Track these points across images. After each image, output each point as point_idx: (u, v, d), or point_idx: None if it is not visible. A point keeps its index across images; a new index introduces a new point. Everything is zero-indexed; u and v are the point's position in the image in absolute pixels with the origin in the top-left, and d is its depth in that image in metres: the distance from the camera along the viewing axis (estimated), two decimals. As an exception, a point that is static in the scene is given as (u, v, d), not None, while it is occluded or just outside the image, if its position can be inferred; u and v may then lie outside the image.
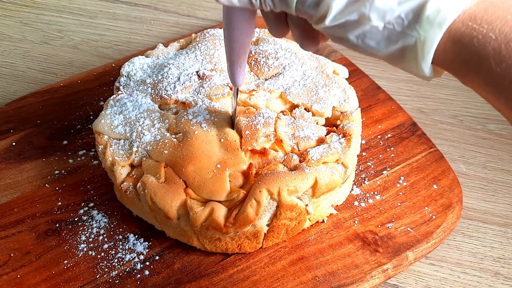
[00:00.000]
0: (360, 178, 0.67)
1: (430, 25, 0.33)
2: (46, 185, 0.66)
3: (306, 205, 0.57)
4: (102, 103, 0.76)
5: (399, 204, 0.64)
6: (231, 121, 0.60)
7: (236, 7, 0.40)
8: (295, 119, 0.62)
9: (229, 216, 0.54)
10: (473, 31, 0.32)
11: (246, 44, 0.47)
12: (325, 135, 0.61)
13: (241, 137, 0.58)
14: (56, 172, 0.67)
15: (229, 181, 0.55)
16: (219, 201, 0.54)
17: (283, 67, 0.66)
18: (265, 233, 0.58)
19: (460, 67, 0.34)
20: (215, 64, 0.67)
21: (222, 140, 0.58)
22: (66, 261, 0.58)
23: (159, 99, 0.63)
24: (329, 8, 0.35)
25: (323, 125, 0.63)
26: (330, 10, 0.35)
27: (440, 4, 0.33)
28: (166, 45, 0.74)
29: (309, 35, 0.42)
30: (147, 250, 0.59)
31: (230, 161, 0.56)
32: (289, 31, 0.44)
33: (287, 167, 0.57)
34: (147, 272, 0.57)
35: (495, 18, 0.32)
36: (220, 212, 0.54)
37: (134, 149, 0.58)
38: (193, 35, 0.74)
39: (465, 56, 0.33)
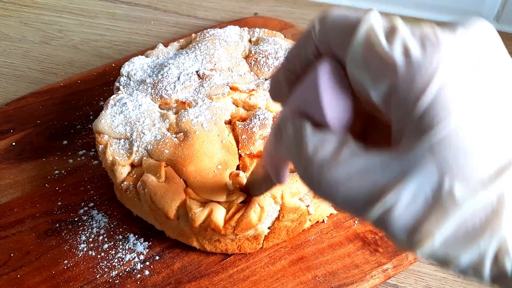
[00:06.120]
0: (360, 178, 0.66)
1: None
2: (46, 185, 0.66)
3: (307, 205, 0.57)
4: (102, 103, 0.76)
5: (399, 204, 0.64)
6: None
7: None
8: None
9: (230, 219, 0.53)
10: None
11: None
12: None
13: (237, 142, 0.58)
14: (56, 172, 0.67)
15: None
16: (218, 202, 0.54)
17: (283, 67, 0.66)
18: (265, 235, 0.58)
19: None
20: (215, 64, 0.67)
21: (223, 141, 0.58)
22: (66, 261, 0.58)
23: (159, 99, 0.63)
24: (425, 242, 0.25)
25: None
26: (426, 245, 0.25)
27: None
28: (166, 45, 0.74)
29: None
30: (147, 250, 0.59)
31: (231, 163, 0.56)
32: None
33: (287, 168, 0.57)
34: (147, 272, 0.57)
35: None
36: (219, 213, 0.53)
37: (135, 148, 0.58)
38: (193, 35, 0.74)
39: None
